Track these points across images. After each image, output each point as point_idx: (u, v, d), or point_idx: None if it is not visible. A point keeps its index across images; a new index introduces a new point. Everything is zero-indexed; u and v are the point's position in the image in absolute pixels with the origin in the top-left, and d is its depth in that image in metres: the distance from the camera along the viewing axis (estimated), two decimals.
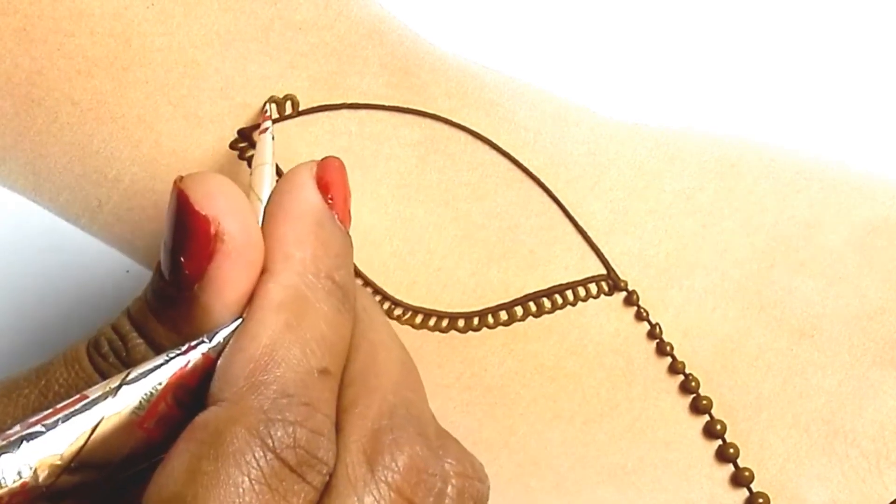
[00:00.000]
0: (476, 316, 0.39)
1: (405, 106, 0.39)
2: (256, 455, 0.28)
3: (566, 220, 0.39)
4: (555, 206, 0.39)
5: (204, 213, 0.29)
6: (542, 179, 0.39)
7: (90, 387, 0.30)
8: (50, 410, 0.29)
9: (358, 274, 0.38)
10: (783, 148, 0.40)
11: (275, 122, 0.38)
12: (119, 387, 0.29)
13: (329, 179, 0.31)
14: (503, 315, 0.39)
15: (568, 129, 0.39)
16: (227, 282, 0.29)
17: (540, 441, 0.39)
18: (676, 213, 0.39)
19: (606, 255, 0.39)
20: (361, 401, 0.30)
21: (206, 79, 0.37)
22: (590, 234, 0.39)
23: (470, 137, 0.39)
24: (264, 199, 0.32)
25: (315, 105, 0.38)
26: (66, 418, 0.29)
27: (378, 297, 0.39)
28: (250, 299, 0.30)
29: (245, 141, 0.38)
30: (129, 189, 0.38)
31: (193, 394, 0.30)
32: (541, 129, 0.39)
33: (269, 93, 0.38)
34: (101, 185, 0.38)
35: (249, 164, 0.38)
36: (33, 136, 0.37)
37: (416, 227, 0.39)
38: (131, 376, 0.30)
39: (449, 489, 0.30)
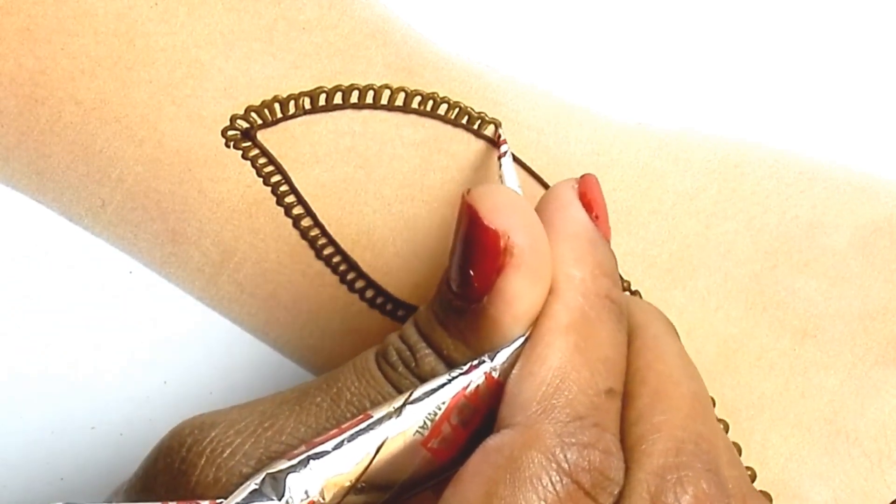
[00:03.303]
0: None
1: (409, 105, 0.39)
2: (553, 479, 0.28)
3: None
4: None
5: (493, 228, 0.30)
6: (546, 179, 0.39)
7: (381, 395, 0.31)
8: (335, 430, 0.29)
9: (361, 275, 0.38)
10: (786, 149, 0.40)
11: (278, 121, 0.38)
12: (403, 406, 0.30)
13: (591, 197, 0.32)
14: None
15: (571, 130, 0.39)
16: (517, 295, 0.30)
17: None
18: (679, 213, 0.40)
19: None
20: (647, 438, 0.30)
21: (210, 79, 0.37)
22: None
23: (473, 137, 0.39)
24: None
25: (319, 105, 0.38)
26: (352, 438, 0.29)
27: (380, 298, 0.39)
28: (537, 319, 0.30)
29: (248, 140, 0.38)
30: (133, 189, 0.38)
31: (476, 413, 0.30)
32: (544, 129, 0.39)
33: (272, 92, 0.38)
34: (104, 184, 0.38)
35: (253, 164, 0.38)
36: (36, 135, 0.37)
37: (420, 228, 0.39)
38: (415, 396, 0.30)
39: None
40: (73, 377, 0.39)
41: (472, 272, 0.30)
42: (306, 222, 0.38)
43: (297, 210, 0.38)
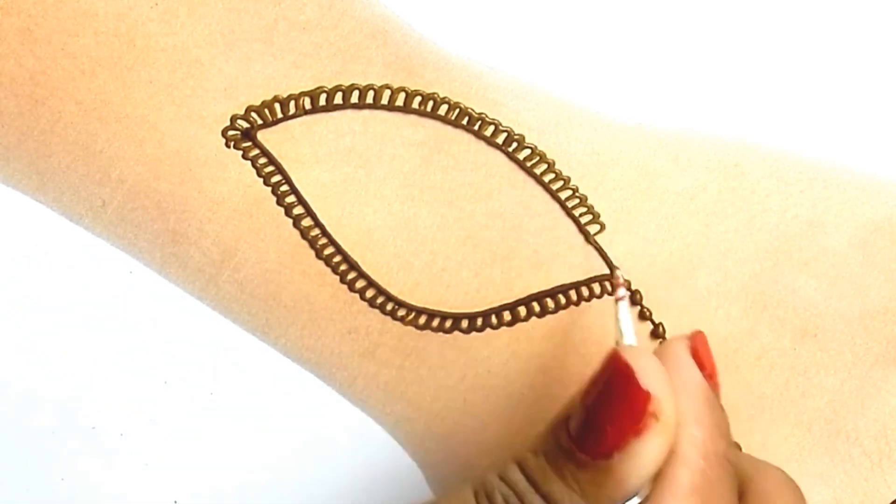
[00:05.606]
0: (479, 317, 0.39)
1: (409, 106, 0.39)
2: None
3: (569, 221, 0.39)
4: (558, 207, 0.39)
5: (646, 390, 0.30)
6: (546, 180, 0.39)
7: None
8: None
9: (361, 274, 0.38)
10: (786, 149, 0.40)
11: (278, 121, 0.38)
12: None
13: (703, 356, 0.33)
14: (507, 315, 0.39)
15: (571, 130, 0.39)
16: (651, 459, 0.30)
17: None
18: (679, 212, 0.40)
19: (610, 255, 0.39)
20: None
21: (210, 79, 0.37)
22: (593, 234, 0.39)
23: (473, 137, 0.39)
24: None
25: (319, 105, 0.38)
26: None
27: (380, 298, 0.39)
28: (656, 479, 0.31)
29: (248, 140, 0.38)
30: (133, 189, 0.38)
31: None
32: (544, 129, 0.39)
33: (272, 92, 0.38)
34: (104, 185, 0.38)
35: (253, 164, 0.38)
36: (37, 135, 0.37)
37: (420, 228, 0.39)
38: None
39: None
40: (73, 377, 0.39)
41: (608, 427, 0.30)
42: (306, 222, 0.38)
43: (298, 210, 0.38)
